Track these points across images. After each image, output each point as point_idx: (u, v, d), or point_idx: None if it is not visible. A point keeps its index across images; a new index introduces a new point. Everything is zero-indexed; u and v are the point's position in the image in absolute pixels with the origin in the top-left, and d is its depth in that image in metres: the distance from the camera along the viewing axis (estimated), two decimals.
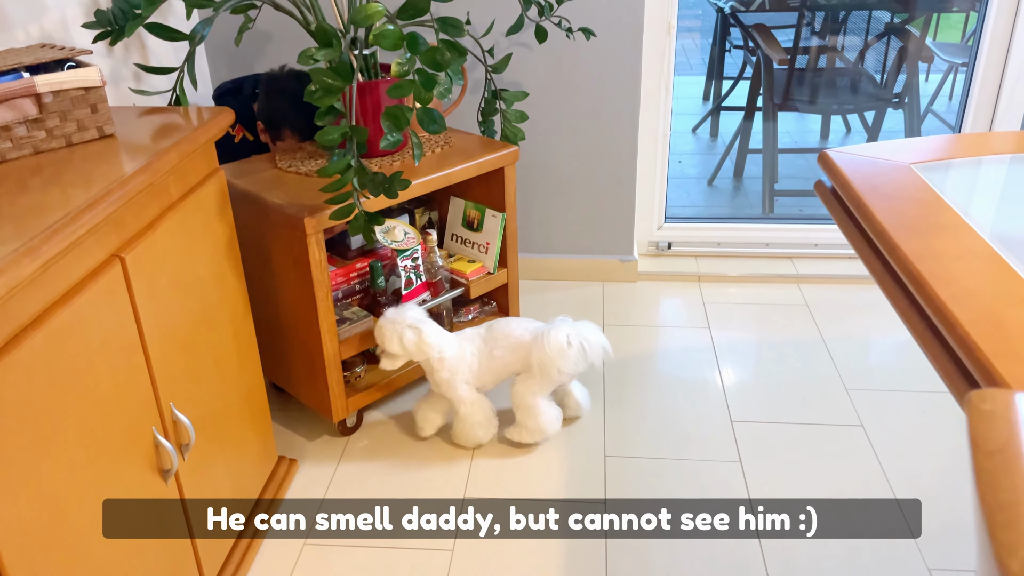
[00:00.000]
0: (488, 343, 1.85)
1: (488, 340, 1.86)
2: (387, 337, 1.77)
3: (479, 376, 1.86)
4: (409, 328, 1.77)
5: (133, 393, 1.19)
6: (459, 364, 1.84)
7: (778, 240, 2.71)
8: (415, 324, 1.78)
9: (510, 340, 1.84)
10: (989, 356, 0.74)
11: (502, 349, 1.84)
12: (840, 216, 1.15)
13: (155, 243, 1.25)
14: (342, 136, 1.52)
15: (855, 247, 1.08)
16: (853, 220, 1.12)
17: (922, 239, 0.96)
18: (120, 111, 1.49)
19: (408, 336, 1.77)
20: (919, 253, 0.92)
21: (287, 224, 1.67)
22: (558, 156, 2.48)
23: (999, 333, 0.78)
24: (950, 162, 1.22)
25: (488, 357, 1.85)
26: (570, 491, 1.76)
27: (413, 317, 1.79)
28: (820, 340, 2.29)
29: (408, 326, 1.77)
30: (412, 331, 1.77)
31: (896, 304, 0.93)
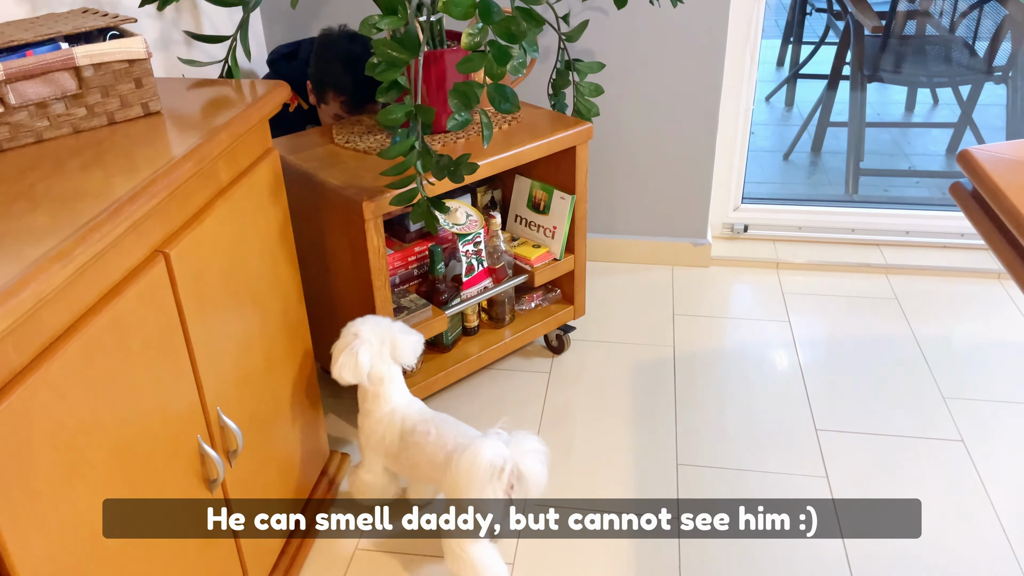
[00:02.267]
0: (415, 435, 1.48)
1: (416, 432, 1.48)
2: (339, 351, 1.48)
3: (394, 459, 1.53)
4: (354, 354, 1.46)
5: (177, 401, 1.09)
6: (376, 430, 1.52)
7: (865, 225, 2.51)
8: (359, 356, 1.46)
9: (425, 451, 1.46)
10: None
11: (419, 454, 1.48)
12: (988, 230, 0.98)
13: (203, 234, 1.14)
14: (406, 115, 1.38)
15: (1012, 271, 0.91)
16: (1006, 235, 0.95)
17: None
18: (168, 83, 1.37)
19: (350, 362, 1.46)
20: None
21: (344, 207, 1.55)
22: (631, 131, 2.31)
23: None
24: None
25: (407, 447, 1.49)
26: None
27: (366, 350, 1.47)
28: (912, 339, 2.10)
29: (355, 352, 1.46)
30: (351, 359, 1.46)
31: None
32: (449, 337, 1.87)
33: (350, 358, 1.46)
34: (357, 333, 1.48)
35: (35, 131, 1.12)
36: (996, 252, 0.96)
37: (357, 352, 1.46)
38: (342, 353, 1.47)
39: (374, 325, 1.50)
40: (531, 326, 1.98)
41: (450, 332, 1.87)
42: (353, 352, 1.46)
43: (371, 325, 1.50)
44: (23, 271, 0.80)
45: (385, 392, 1.51)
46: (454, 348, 1.90)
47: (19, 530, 0.81)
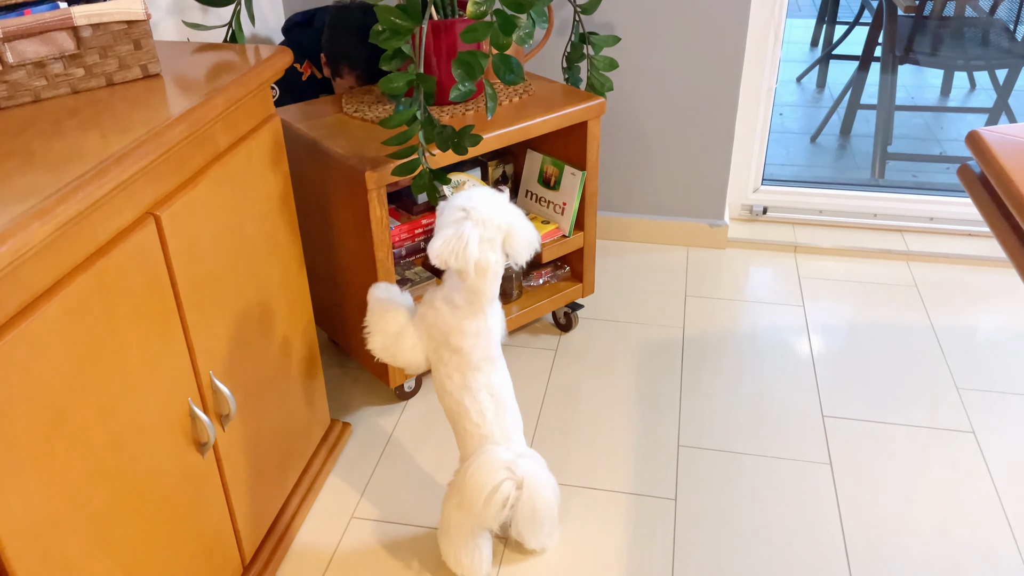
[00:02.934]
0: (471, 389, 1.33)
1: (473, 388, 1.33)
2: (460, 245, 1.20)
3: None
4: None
5: (167, 364, 1.10)
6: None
7: (888, 211, 2.45)
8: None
9: (461, 410, 1.34)
10: None
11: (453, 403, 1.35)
12: (992, 214, 0.94)
13: (198, 198, 1.14)
14: (408, 84, 1.36)
15: (1012, 256, 0.88)
16: (1010, 221, 0.91)
17: None
18: (171, 46, 1.37)
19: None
20: None
21: (347, 176, 1.54)
22: (648, 107, 2.27)
23: None
24: None
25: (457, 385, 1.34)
26: (638, 484, 1.62)
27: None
28: (930, 328, 2.05)
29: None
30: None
31: None
32: None
33: (457, 241, 1.19)
34: (468, 209, 1.21)
35: (33, 90, 1.12)
36: (999, 238, 0.92)
37: (468, 235, 1.19)
38: (446, 229, 1.20)
39: (490, 202, 1.23)
40: (539, 303, 1.96)
41: None
42: (463, 234, 1.19)
43: (487, 202, 1.23)
44: (2, 227, 0.80)
45: (488, 291, 1.26)
46: None
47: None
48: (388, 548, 1.49)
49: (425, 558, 1.47)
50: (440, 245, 1.20)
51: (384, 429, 1.77)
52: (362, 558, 1.48)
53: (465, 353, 1.30)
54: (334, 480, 1.64)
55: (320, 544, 1.50)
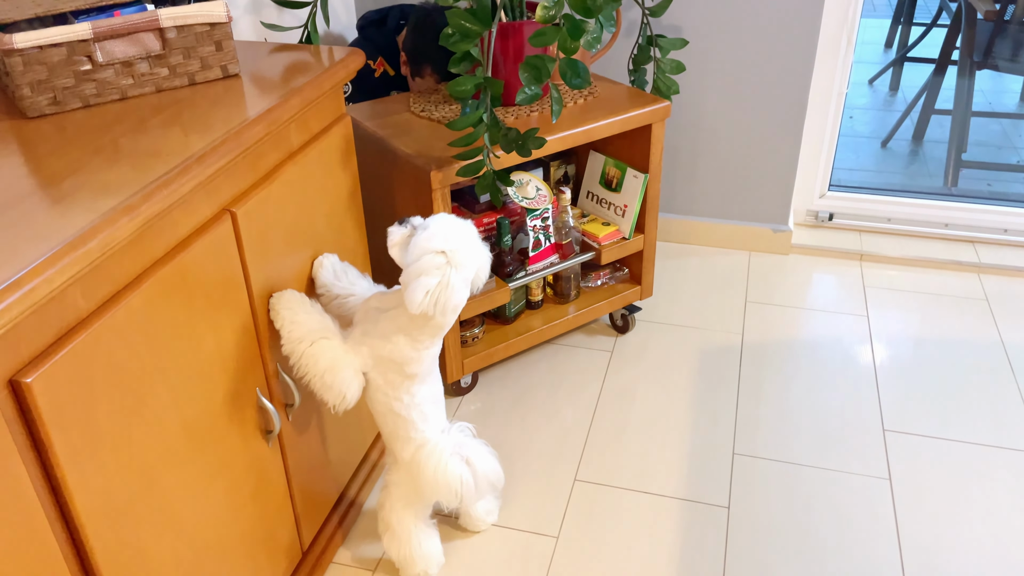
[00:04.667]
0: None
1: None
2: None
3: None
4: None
5: (237, 354, 1.14)
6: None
7: (960, 221, 2.38)
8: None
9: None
10: None
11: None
12: None
13: (271, 195, 1.18)
14: (476, 87, 1.38)
15: None
16: None
17: None
18: (249, 47, 1.41)
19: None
20: None
21: (413, 175, 1.57)
22: (714, 109, 2.25)
23: None
24: None
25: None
26: (690, 490, 1.62)
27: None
28: (999, 343, 1.99)
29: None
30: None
31: None
32: (512, 310, 1.88)
33: (443, 292, 1.14)
34: (448, 252, 1.14)
35: (120, 88, 1.18)
36: None
37: (454, 285, 1.14)
38: (427, 277, 1.13)
39: (467, 241, 1.18)
40: (596, 304, 1.97)
41: (513, 304, 1.88)
42: (449, 283, 1.13)
43: (465, 242, 1.17)
44: (92, 222, 0.85)
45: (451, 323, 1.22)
46: (516, 321, 1.91)
47: (78, 465, 0.87)
48: (445, 536, 1.52)
49: (477, 551, 1.50)
50: (423, 299, 1.13)
51: None
52: None
53: (419, 376, 1.28)
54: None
55: (375, 535, 1.54)
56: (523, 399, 1.87)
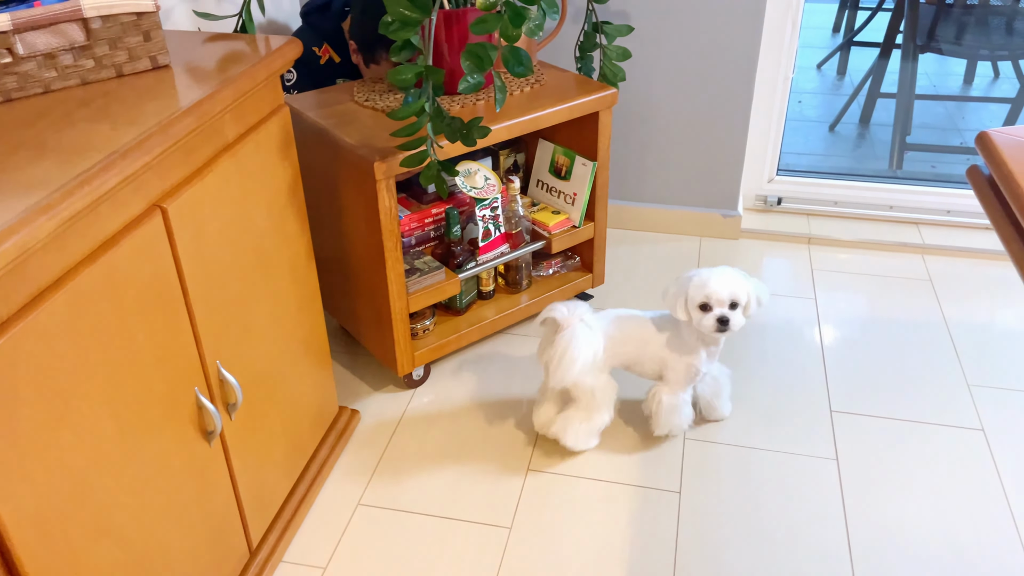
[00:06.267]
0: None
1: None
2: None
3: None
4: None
5: (174, 353, 1.11)
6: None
7: (904, 203, 2.42)
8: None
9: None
10: None
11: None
12: (998, 217, 0.93)
13: (205, 190, 1.15)
14: (417, 76, 1.36)
15: (1017, 262, 0.87)
16: (1016, 226, 0.90)
17: None
18: (181, 37, 1.37)
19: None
20: None
21: (357, 166, 1.55)
22: (662, 96, 2.26)
23: None
24: None
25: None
26: (643, 477, 1.63)
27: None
28: (943, 323, 2.04)
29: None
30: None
31: None
32: (463, 300, 1.87)
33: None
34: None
35: (43, 81, 1.13)
36: (1004, 241, 0.91)
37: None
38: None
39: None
40: (548, 292, 1.97)
41: (464, 295, 1.87)
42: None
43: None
44: (8, 222, 0.82)
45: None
46: (468, 311, 1.90)
47: (2, 474, 0.84)
48: (393, 535, 1.51)
49: (430, 545, 1.49)
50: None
51: (392, 417, 1.79)
52: (367, 545, 1.50)
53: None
54: (342, 467, 1.66)
55: (326, 530, 1.52)
56: (477, 390, 1.86)
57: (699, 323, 1.52)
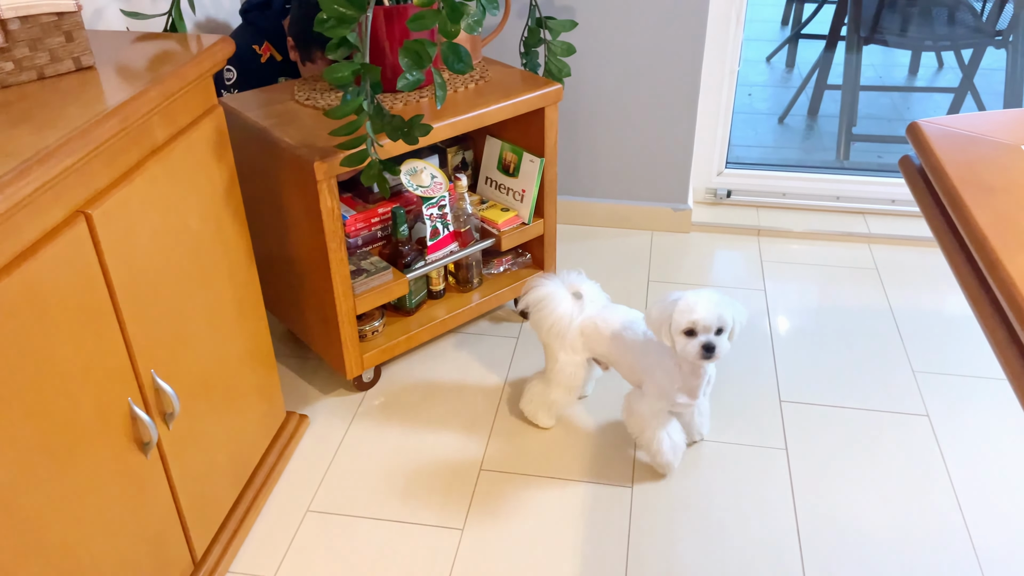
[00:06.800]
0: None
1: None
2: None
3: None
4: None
5: (104, 364, 1.08)
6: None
7: (851, 193, 2.46)
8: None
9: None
10: None
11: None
12: (928, 207, 0.94)
13: (133, 195, 1.11)
14: (354, 74, 1.34)
15: (946, 253, 0.88)
16: (946, 216, 0.91)
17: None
18: (108, 37, 1.33)
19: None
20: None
21: (297, 167, 1.52)
22: (609, 91, 2.26)
23: None
24: None
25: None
26: (596, 473, 1.63)
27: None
28: (888, 311, 2.07)
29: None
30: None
31: (994, 338, 0.74)
32: (412, 300, 1.85)
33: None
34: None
35: None
36: (934, 231, 0.92)
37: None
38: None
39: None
40: (499, 290, 1.95)
41: (413, 295, 1.85)
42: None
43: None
44: None
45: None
46: (418, 311, 1.88)
47: None
48: (344, 541, 1.49)
49: (381, 550, 1.47)
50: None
51: (342, 420, 1.76)
52: (318, 552, 1.47)
53: None
54: (290, 473, 1.63)
55: (275, 538, 1.50)
56: (428, 391, 1.84)
57: (683, 349, 1.42)
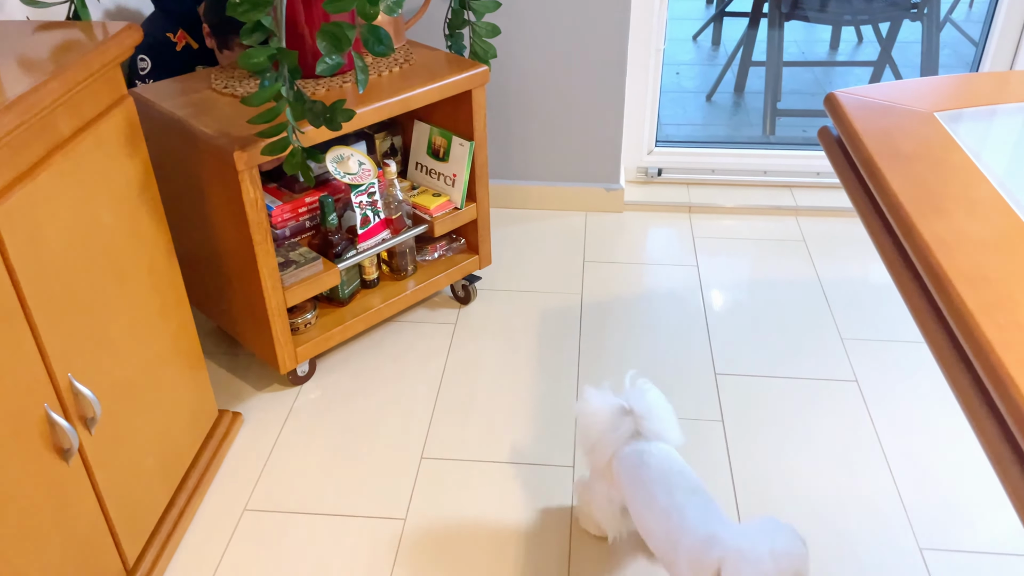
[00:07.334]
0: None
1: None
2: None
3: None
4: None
5: (15, 369, 1.03)
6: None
7: (777, 168, 2.50)
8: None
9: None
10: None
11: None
12: (847, 176, 0.96)
13: (37, 192, 1.06)
14: (270, 59, 1.30)
15: (865, 221, 0.89)
16: (864, 185, 0.93)
17: (947, 220, 0.77)
18: (9, 28, 1.26)
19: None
20: (942, 239, 0.74)
21: (217, 157, 1.47)
22: (538, 72, 2.25)
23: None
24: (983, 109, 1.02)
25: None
26: (537, 454, 1.63)
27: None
28: (816, 281, 2.12)
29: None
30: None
31: (911, 302, 0.75)
32: (345, 291, 1.82)
33: None
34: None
35: None
36: (852, 199, 0.94)
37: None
38: None
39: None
40: (435, 277, 1.93)
41: (346, 285, 1.81)
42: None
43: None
44: None
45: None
46: (352, 301, 1.85)
47: None
48: (284, 538, 1.46)
49: (323, 545, 1.45)
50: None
51: (278, 416, 1.72)
52: (256, 551, 1.44)
53: None
54: (225, 473, 1.59)
55: (212, 540, 1.46)
56: (366, 382, 1.82)
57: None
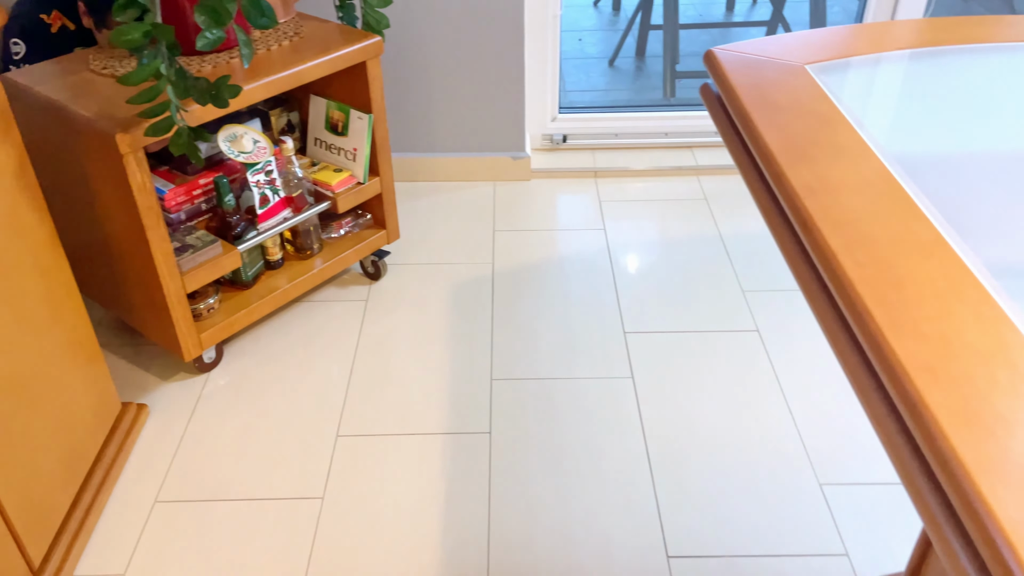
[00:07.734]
0: None
1: None
2: None
3: None
4: None
5: None
6: None
7: (678, 129, 2.55)
8: None
9: None
10: (883, 329, 0.61)
11: None
12: (728, 132, 0.99)
13: None
14: (145, 36, 1.25)
15: (742, 172, 0.92)
16: (741, 138, 0.96)
17: (813, 166, 0.80)
18: None
19: None
20: (809, 185, 0.77)
21: (98, 141, 1.41)
22: (435, 42, 2.22)
23: (896, 296, 0.64)
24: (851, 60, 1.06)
25: None
26: (453, 423, 1.64)
27: None
28: (718, 237, 2.18)
29: None
30: None
31: (784, 248, 0.79)
32: (248, 273, 1.78)
33: None
34: None
35: None
36: (732, 154, 0.97)
37: None
38: None
39: None
40: (342, 254, 1.91)
41: (249, 267, 1.77)
42: None
43: None
44: None
45: None
46: (256, 283, 1.81)
47: None
48: (198, 527, 1.44)
49: (238, 531, 1.43)
50: None
51: (186, 405, 1.68)
52: (170, 542, 1.41)
53: None
54: (132, 466, 1.55)
55: (122, 535, 1.42)
56: (277, 364, 1.79)
57: None
